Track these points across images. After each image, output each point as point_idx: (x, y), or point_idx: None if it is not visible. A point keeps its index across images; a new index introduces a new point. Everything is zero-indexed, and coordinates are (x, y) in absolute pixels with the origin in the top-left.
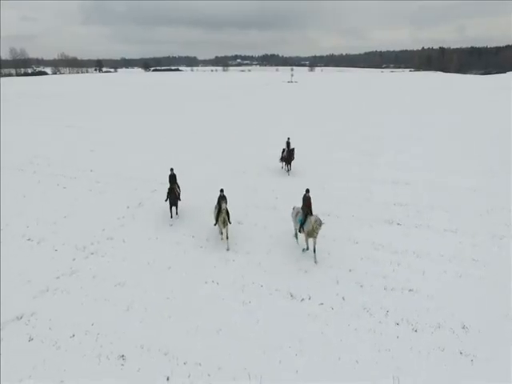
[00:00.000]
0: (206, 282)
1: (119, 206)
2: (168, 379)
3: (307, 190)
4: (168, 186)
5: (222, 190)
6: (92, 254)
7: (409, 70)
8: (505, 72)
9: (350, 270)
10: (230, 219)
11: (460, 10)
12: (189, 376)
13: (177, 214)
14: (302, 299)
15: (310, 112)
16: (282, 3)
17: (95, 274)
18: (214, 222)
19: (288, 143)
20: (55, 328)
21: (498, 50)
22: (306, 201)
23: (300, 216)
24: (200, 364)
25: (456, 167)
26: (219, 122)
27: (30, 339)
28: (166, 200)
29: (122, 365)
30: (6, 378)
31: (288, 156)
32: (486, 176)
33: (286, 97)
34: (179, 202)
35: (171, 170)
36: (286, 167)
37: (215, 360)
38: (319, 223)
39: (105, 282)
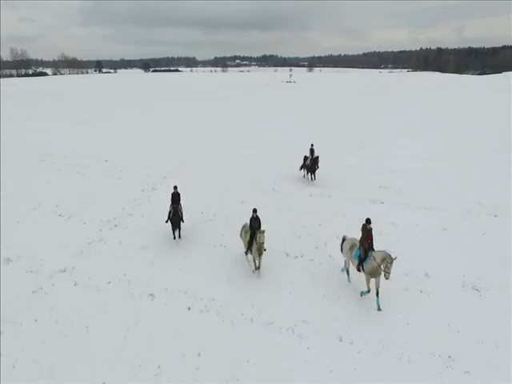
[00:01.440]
0: (215, 246)
1: (135, 189)
2: (189, 309)
3: (368, 221)
4: (170, 204)
5: (255, 211)
6: (116, 226)
7: (407, 70)
8: (500, 72)
9: (337, 237)
10: (265, 244)
11: (459, 10)
12: (205, 306)
13: (179, 237)
14: (296, 257)
15: (308, 110)
16: (282, 4)
17: (121, 241)
18: (245, 250)
19: (312, 150)
20: (93, 277)
21: (494, 50)
22: (367, 233)
23: (357, 250)
24: (214, 299)
25: (440, 158)
26: (220, 119)
27: (75, 284)
28: (166, 221)
29: (152, 300)
30: (61, 314)
31: (312, 165)
32: (468, 166)
33: (284, 96)
34: (182, 224)
35: (175, 187)
36: (309, 176)
37: (225, 296)
38: (391, 261)
39: (129, 246)
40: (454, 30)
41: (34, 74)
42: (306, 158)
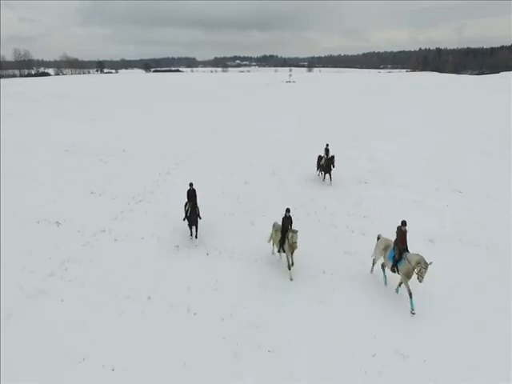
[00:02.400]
0: (224, 214)
1: (152, 173)
2: (207, 254)
3: (404, 223)
4: (186, 202)
5: (288, 210)
6: (140, 201)
7: (405, 70)
8: (498, 72)
9: (325, 208)
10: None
11: (459, 10)
12: (220, 253)
13: (196, 237)
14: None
15: (307, 110)
16: (281, 4)
17: (146, 211)
18: (278, 249)
19: (327, 150)
20: (129, 235)
21: (493, 50)
22: (402, 235)
23: (391, 251)
24: (226, 248)
25: (424, 150)
26: (221, 119)
27: (115, 240)
28: (184, 219)
29: (177, 251)
30: (105, 260)
31: (327, 164)
32: (448, 156)
33: (284, 96)
34: (199, 221)
35: (190, 184)
36: (324, 176)
37: (234, 245)
38: (425, 266)
39: (154, 215)
40: (453, 30)
41: (37, 74)
42: (320, 158)
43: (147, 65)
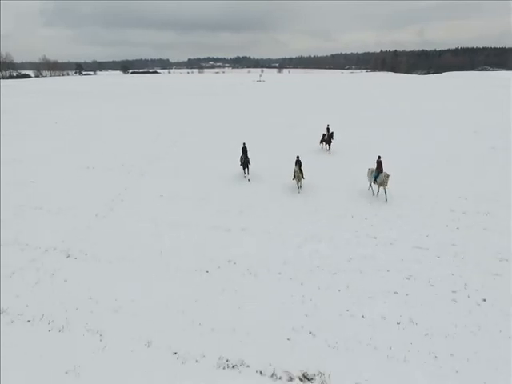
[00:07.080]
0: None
1: (174, 135)
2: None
3: (379, 157)
4: (241, 155)
5: (298, 157)
6: (171, 146)
7: (366, 70)
8: (441, 72)
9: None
10: (304, 175)
11: (421, 14)
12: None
13: (248, 173)
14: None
15: (266, 101)
16: (249, 5)
17: (178, 152)
18: (292, 177)
19: (328, 129)
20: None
21: (441, 53)
22: (379, 164)
23: (374, 173)
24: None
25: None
26: (204, 109)
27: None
28: (240, 165)
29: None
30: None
31: (328, 138)
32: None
33: (253, 91)
34: (250, 166)
35: (244, 143)
36: (326, 147)
37: (272, 179)
38: (387, 176)
39: (184, 153)
40: (416, 32)
41: (19, 76)
42: (324, 135)
43: (125, 66)
